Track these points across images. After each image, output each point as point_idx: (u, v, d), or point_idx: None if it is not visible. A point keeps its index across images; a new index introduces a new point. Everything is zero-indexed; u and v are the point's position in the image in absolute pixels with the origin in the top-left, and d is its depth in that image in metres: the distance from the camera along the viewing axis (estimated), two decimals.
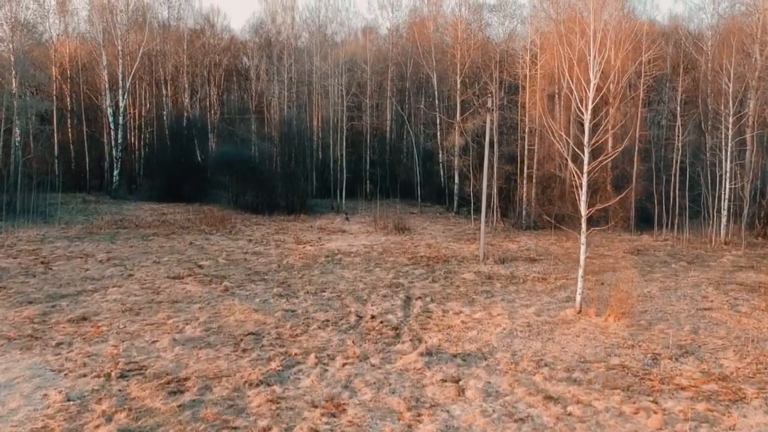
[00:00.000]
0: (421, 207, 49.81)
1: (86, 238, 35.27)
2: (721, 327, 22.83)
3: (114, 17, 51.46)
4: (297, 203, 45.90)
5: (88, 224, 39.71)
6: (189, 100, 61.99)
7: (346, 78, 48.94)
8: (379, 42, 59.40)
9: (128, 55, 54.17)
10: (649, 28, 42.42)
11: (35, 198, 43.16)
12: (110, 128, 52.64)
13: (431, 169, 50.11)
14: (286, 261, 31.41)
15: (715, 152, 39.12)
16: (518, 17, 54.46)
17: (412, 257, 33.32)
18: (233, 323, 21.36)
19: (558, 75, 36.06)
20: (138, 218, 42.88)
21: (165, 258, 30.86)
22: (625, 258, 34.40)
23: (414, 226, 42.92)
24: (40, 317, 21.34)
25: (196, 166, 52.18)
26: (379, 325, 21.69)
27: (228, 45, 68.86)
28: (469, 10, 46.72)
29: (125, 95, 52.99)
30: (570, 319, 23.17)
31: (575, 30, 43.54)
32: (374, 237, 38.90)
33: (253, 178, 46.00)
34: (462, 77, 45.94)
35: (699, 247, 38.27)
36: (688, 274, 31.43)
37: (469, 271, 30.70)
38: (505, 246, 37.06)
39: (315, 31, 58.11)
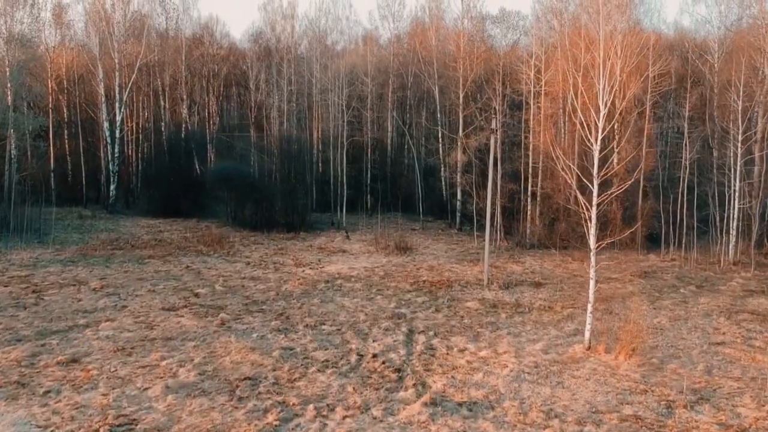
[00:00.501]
0: (422, 223, 48.98)
1: (80, 262, 34.43)
2: (735, 365, 22.00)
3: (111, 28, 50.61)
4: (296, 220, 45.10)
5: (83, 245, 38.88)
6: (187, 111, 61.23)
7: (347, 92, 48.04)
8: (380, 53, 58.58)
9: (126, 67, 53.38)
10: (656, 41, 41.53)
11: (29, 215, 42.40)
12: (107, 142, 51.81)
13: (433, 183, 49.29)
14: (285, 288, 30.57)
15: (724, 171, 38.25)
16: (521, 29, 53.73)
17: (414, 282, 32.48)
18: (229, 365, 20.52)
19: (563, 91, 35.20)
20: (134, 237, 42.05)
21: (160, 285, 30.02)
22: (633, 282, 33.57)
23: (416, 244, 42.09)
24: (29, 359, 20.50)
25: (194, 180, 51.38)
26: (380, 366, 20.85)
27: (227, 54, 68.17)
28: (471, 22, 45.90)
29: (122, 108, 52.15)
30: (579, 357, 22.33)
31: (580, 45, 42.81)
32: (375, 258, 38.05)
33: (251, 195, 45.19)
34: (465, 92, 45.10)
35: (707, 269, 37.43)
36: (698, 300, 30.59)
37: (473, 298, 29.87)
38: (509, 268, 36.22)
39: (315, 42, 57.25)
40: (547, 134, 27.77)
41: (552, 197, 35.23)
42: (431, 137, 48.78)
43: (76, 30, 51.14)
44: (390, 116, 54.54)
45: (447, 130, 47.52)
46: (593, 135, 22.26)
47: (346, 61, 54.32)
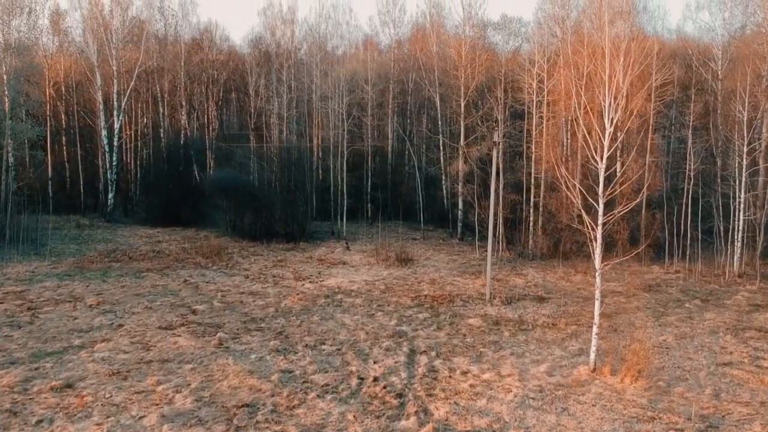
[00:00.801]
0: (423, 232, 48.50)
1: (77, 276, 33.97)
2: (743, 389, 21.55)
3: (109, 35, 50.15)
4: (296, 230, 44.63)
5: (80, 257, 38.43)
6: (186, 117, 60.79)
7: (347, 100, 47.52)
8: (380, 59, 58.10)
9: (124, 74, 52.95)
10: (660, 49, 41.02)
11: (26, 225, 41.97)
12: (105, 150, 51.36)
13: (434, 192, 48.77)
14: (284, 303, 30.11)
15: (728, 182, 37.76)
16: (522, 35, 53.25)
17: (415, 297, 32.01)
18: (226, 390, 20.06)
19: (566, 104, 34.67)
20: (132, 248, 41.60)
21: (157, 302, 29.55)
22: (637, 296, 33.11)
23: (417, 255, 41.62)
24: (22, 384, 20.03)
25: (193, 188, 50.92)
26: (381, 390, 20.38)
27: (227, 59, 67.68)
28: (472, 29, 45.35)
29: (120, 116, 51.68)
30: (584, 380, 21.87)
31: (583, 53, 42.35)
32: (376, 270, 37.59)
33: (251, 204, 44.73)
34: (466, 100, 44.61)
35: (712, 281, 36.97)
36: (704, 316, 30.13)
37: (476, 314, 29.41)
38: (511, 281, 35.75)
39: (315, 48, 56.76)
40: (552, 153, 27.24)
41: (556, 216, 34.72)
42: (432, 146, 48.30)
43: (74, 37, 50.64)
44: (390, 124, 54.09)
45: (448, 138, 47.05)
46: (598, 153, 21.79)
47: (346, 68, 53.86)
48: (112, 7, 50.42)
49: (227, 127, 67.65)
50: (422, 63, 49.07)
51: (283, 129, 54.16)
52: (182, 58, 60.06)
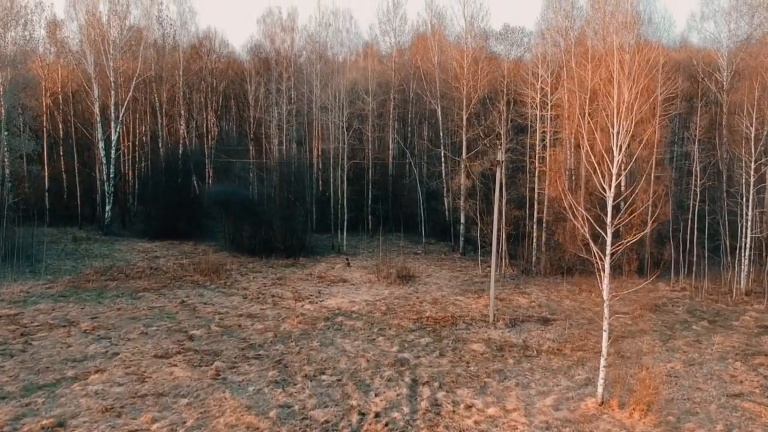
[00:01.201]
0: (425, 246, 47.81)
1: (72, 297, 33.33)
2: (756, 424, 20.93)
3: (106, 46, 49.51)
4: (296, 245, 44.00)
5: (76, 275, 37.80)
6: (185, 127, 60.16)
7: (347, 113, 46.84)
8: (381, 68, 57.39)
9: (122, 84, 52.33)
10: (665, 62, 40.40)
11: (22, 241, 41.39)
12: (102, 162, 50.73)
13: (436, 205, 48.05)
14: (284, 327, 29.47)
15: (736, 198, 37.11)
16: (525, 45, 52.63)
17: (417, 319, 31.37)
18: (223, 428, 19.42)
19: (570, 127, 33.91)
20: (128, 264, 40.97)
21: (153, 326, 28.90)
22: (643, 317, 32.44)
23: (418, 271, 40.98)
24: (12, 423, 19.39)
25: (192, 200, 50.25)
26: (383, 428, 19.75)
27: (226, 67, 67.02)
28: (474, 40, 44.61)
29: (118, 127, 51.05)
30: (592, 414, 21.23)
31: (587, 66, 41.75)
32: (377, 289, 36.93)
33: (249, 219, 44.08)
34: (468, 113, 43.97)
35: (719, 299, 36.34)
36: (712, 339, 29.50)
37: (479, 338, 28.77)
38: (515, 301, 35.10)
39: (315, 57, 56.09)
40: (559, 181, 26.55)
41: (563, 246, 34.08)
42: (433, 159, 47.62)
43: (71, 47, 49.91)
44: (391, 133, 53.44)
45: (450, 151, 46.37)
46: (606, 181, 21.15)
47: (346, 78, 53.18)
48: (110, 17, 49.75)
49: (226, 135, 67.00)
50: (423, 73, 48.40)
51: (282, 140, 53.54)
52: (180, 67, 59.41)
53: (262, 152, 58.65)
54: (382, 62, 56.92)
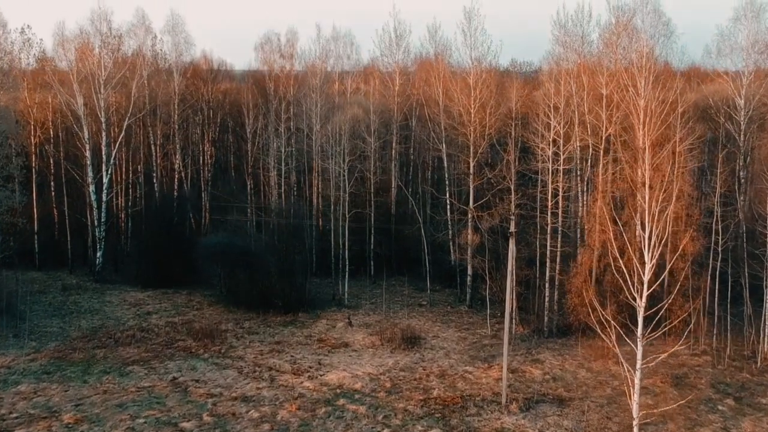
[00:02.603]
0: (430, 294, 45.60)
1: (56, 373, 31.28)
2: None
3: (97, 85, 47.49)
4: (294, 298, 41.88)
5: (62, 341, 35.80)
6: (181, 161, 58.10)
7: (348, 159, 44.70)
8: (384, 100, 55.19)
9: (114, 123, 50.37)
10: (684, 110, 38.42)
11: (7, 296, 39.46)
12: (93, 206, 48.70)
13: (442, 255, 45.80)
14: (281, 415, 27.41)
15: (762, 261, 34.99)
16: (533, 80, 50.62)
17: (424, 400, 29.34)
18: None
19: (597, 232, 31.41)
20: (118, 323, 39.08)
21: (141, 418, 26.79)
22: (665, 393, 30.34)
23: (424, 330, 38.92)
24: None
25: (186, 246, 48.04)
26: None
27: (223, 94, 65.02)
28: (482, 84, 42.29)
29: (109, 169, 49.01)
30: None
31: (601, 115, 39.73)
32: (381, 356, 34.81)
33: (246, 270, 41.97)
34: (476, 160, 41.89)
35: (743, 367, 34.34)
36: (740, 425, 27.49)
37: (491, 428, 26.74)
38: (528, 373, 32.99)
39: (317, 96, 53.95)
40: (585, 294, 24.27)
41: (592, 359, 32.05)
42: (438, 207, 45.48)
43: (60, 87, 47.80)
44: (393, 170, 51.40)
45: (456, 198, 44.21)
46: (637, 290, 19.11)
47: (347, 114, 51.13)
48: (101, 52, 47.67)
49: (223, 171, 64.92)
50: (428, 115, 46.21)
51: (281, 183, 51.42)
52: (175, 100, 57.39)
53: (260, 192, 56.69)
54: (384, 96, 54.76)
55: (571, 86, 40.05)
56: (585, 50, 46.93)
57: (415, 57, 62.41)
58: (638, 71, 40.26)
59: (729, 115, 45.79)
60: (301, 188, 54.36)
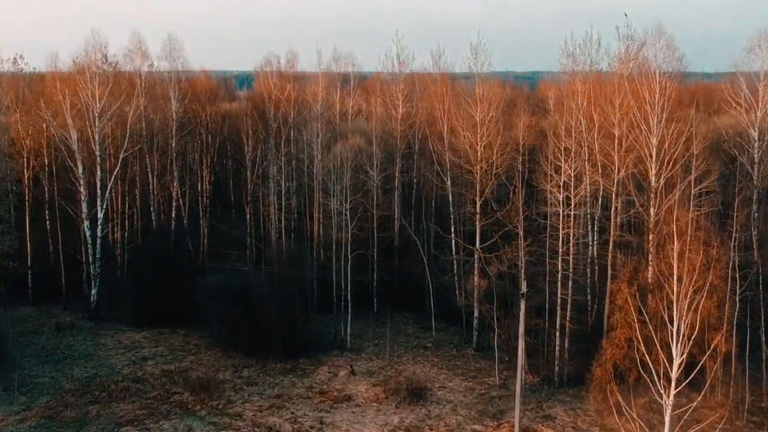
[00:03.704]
0: (435, 335, 44.08)
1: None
2: None
3: (90, 120, 46.17)
4: (295, 341, 40.45)
5: (54, 395, 34.42)
6: (179, 189, 56.66)
7: (351, 199, 43.25)
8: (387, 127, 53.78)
9: (111, 154, 49.03)
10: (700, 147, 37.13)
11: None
12: (87, 242, 47.32)
13: (447, 297, 44.29)
14: None
15: None
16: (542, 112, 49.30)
17: None
18: None
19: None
20: (113, 372, 37.78)
21: None
22: None
23: (430, 378, 37.57)
24: None
25: (184, 280, 46.55)
26: None
27: (222, 121, 63.69)
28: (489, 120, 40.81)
29: (104, 205, 47.63)
30: None
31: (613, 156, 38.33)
32: (385, 413, 33.39)
33: (245, 312, 40.53)
34: (482, 199, 40.50)
35: (764, 423, 32.91)
36: None
37: None
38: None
39: (318, 115, 52.69)
40: (611, 395, 22.77)
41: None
42: (444, 248, 44.00)
43: (52, 120, 46.44)
44: (396, 214, 50.10)
45: (461, 237, 42.75)
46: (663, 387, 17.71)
47: (348, 144, 49.83)
48: (95, 87, 46.31)
49: (221, 197, 63.67)
50: (432, 146, 44.71)
51: (281, 218, 49.97)
52: (173, 127, 56.04)
53: (259, 221, 55.35)
54: (386, 123, 53.32)
55: (582, 124, 38.70)
56: (594, 78, 45.68)
57: (419, 83, 61.38)
58: (650, 108, 39.03)
59: (742, 147, 44.52)
60: (301, 219, 53.01)
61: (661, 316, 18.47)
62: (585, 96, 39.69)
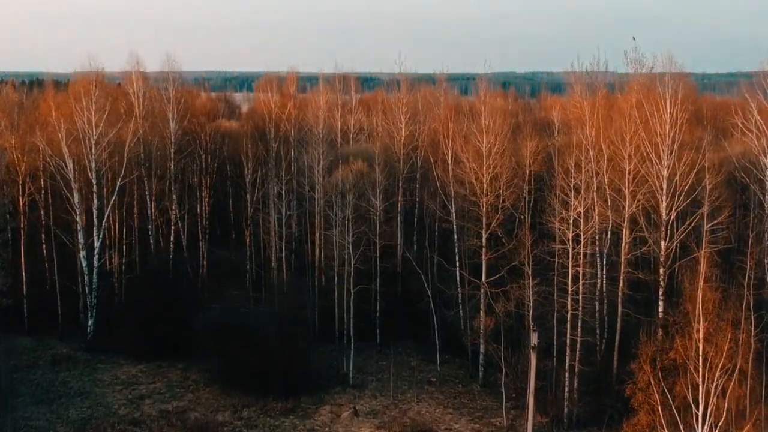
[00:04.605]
0: (440, 368, 43.00)
1: None
2: None
3: (87, 147, 45.14)
4: (296, 378, 39.40)
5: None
6: (178, 212, 55.63)
7: (354, 232, 42.16)
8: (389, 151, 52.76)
9: (108, 181, 47.95)
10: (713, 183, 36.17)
11: None
12: (84, 272, 46.28)
13: (452, 332, 43.13)
14: None
15: None
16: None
17: None
18: None
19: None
20: (109, 411, 36.86)
21: None
22: None
23: (435, 419, 36.62)
24: None
25: (182, 311, 45.52)
26: None
27: (221, 140, 62.65)
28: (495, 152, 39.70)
29: (101, 234, 46.55)
30: None
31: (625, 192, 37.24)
32: None
33: (245, 348, 39.46)
34: (489, 233, 39.44)
35: None
36: None
37: None
38: None
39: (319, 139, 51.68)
40: None
41: None
42: (449, 281, 42.87)
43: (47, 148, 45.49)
44: (399, 244, 49.12)
45: (467, 270, 41.60)
46: None
47: (351, 170, 48.76)
48: (92, 115, 45.28)
49: (221, 219, 62.68)
50: (437, 176, 43.60)
51: (282, 247, 48.81)
52: (172, 150, 55.02)
53: (259, 244, 54.34)
54: (390, 147, 52.30)
55: (591, 156, 37.65)
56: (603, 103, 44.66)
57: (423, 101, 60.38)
58: (661, 140, 38.01)
59: (754, 174, 43.53)
60: (302, 245, 51.98)
61: (685, 397, 17.45)
62: (593, 127, 38.67)
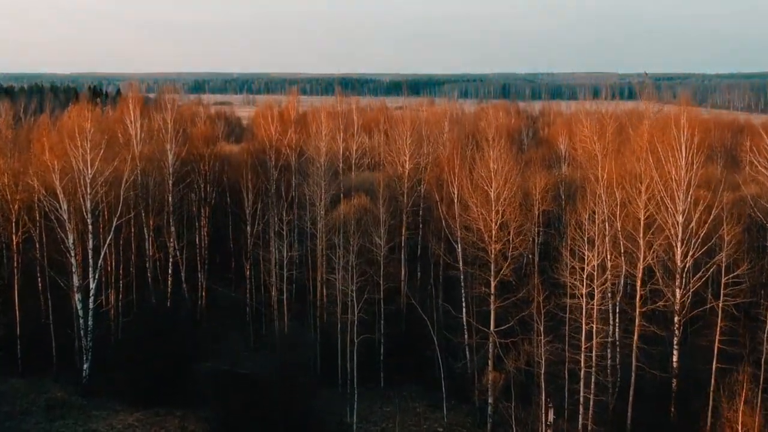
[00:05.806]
0: (446, 414, 41.63)
1: None
2: None
3: (82, 188, 43.78)
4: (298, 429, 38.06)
5: None
6: (176, 243, 54.36)
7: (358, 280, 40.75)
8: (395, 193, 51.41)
9: (103, 222, 46.64)
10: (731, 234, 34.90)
11: None
12: (79, 315, 44.89)
13: (462, 377, 41.75)
14: None
15: None
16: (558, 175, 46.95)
17: None
18: None
19: None
20: None
21: None
22: None
23: None
24: None
25: (181, 355, 44.23)
26: None
27: (221, 166, 61.38)
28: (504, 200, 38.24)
29: (96, 275, 45.16)
30: None
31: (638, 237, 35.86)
32: None
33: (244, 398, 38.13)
34: (497, 280, 38.04)
35: None
36: None
37: None
38: None
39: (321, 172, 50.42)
40: None
41: None
42: (457, 329, 41.49)
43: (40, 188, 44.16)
44: (402, 271, 47.81)
45: (474, 318, 40.22)
46: None
47: (354, 204, 47.56)
48: (87, 153, 43.91)
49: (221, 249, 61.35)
50: (444, 220, 42.21)
51: (283, 289, 47.36)
52: (170, 182, 53.74)
53: (260, 278, 52.99)
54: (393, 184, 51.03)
55: (603, 202, 36.33)
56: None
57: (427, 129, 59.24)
58: (677, 185, 36.74)
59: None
60: (304, 283, 50.64)
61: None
62: (606, 170, 37.32)
